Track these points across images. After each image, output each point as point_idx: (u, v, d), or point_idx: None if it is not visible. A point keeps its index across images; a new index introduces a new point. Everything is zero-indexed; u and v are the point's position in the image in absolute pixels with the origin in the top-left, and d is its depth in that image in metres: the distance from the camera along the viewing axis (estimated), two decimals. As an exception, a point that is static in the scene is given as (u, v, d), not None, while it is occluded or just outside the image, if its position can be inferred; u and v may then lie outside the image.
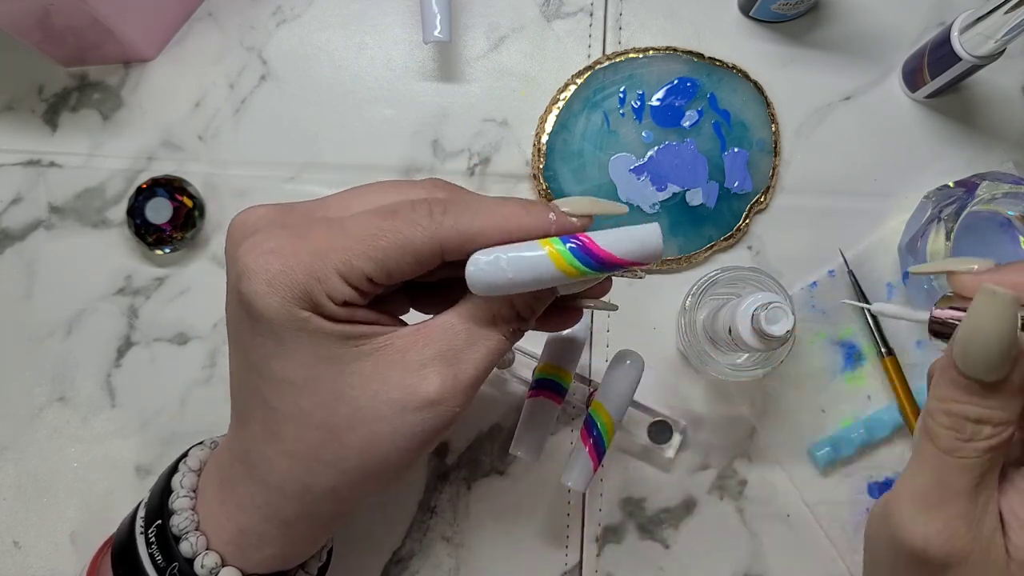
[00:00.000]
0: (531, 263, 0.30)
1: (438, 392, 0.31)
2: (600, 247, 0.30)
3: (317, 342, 0.31)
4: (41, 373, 0.49)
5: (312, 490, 0.33)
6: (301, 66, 0.51)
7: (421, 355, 0.31)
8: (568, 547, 0.48)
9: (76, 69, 0.51)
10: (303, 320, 0.30)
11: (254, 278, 0.30)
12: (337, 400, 0.31)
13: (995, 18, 0.42)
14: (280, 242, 0.31)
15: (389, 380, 0.31)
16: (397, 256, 0.30)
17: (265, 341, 0.31)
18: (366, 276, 0.30)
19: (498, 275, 0.30)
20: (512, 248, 0.30)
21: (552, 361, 0.43)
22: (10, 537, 0.48)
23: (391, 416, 0.31)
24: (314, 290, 0.30)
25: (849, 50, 0.51)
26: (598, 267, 0.30)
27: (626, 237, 0.30)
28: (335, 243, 0.30)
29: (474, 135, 0.50)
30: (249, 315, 0.31)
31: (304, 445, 0.32)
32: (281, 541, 0.34)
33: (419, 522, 0.48)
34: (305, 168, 0.50)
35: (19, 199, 0.50)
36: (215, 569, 0.34)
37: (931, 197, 0.47)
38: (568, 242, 0.30)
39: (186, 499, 0.35)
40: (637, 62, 0.50)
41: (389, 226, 0.31)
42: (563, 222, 0.31)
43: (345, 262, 0.30)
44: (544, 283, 0.30)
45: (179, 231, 0.48)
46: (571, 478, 0.43)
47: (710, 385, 0.49)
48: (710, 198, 0.49)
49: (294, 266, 0.30)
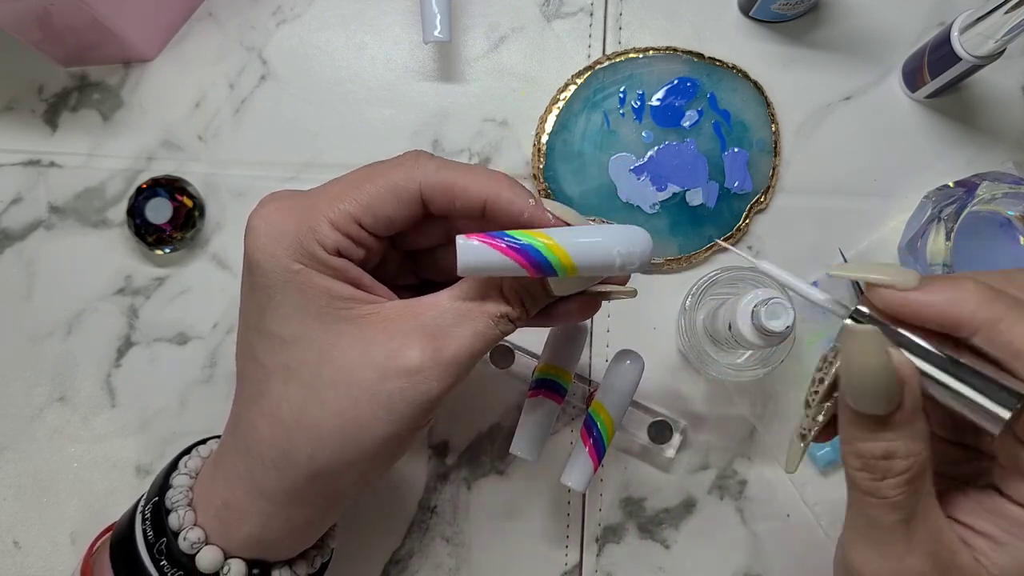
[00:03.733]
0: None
1: (417, 362, 0.31)
2: (559, 244, 0.31)
3: (307, 297, 0.32)
4: (41, 373, 0.49)
5: (290, 456, 0.32)
6: (301, 66, 0.51)
7: (406, 326, 0.32)
8: (568, 547, 0.48)
9: (76, 69, 0.51)
10: (294, 273, 0.31)
11: (255, 233, 0.32)
12: (320, 358, 0.32)
13: (995, 18, 0.42)
14: (283, 202, 0.33)
15: (371, 346, 0.32)
16: (380, 196, 0.32)
17: (259, 296, 0.32)
18: (353, 219, 0.32)
19: (471, 251, 0.30)
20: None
21: (552, 361, 0.43)
22: (10, 537, 0.48)
23: (369, 381, 0.31)
24: (306, 239, 0.31)
25: (849, 50, 0.51)
26: (543, 267, 0.31)
27: (588, 243, 0.31)
28: (327, 194, 0.32)
29: (474, 135, 0.50)
30: (248, 271, 0.33)
31: (287, 406, 0.32)
32: (260, 519, 0.34)
33: (419, 522, 0.48)
34: (305, 168, 0.50)
35: (19, 199, 0.50)
36: (198, 544, 0.34)
37: (931, 197, 0.47)
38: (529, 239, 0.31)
39: (185, 477, 0.36)
40: (637, 62, 0.50)
41: (374, 170, 0.33)
42: (538, 211, 0.32)
43: (333, 208, 0.32)
44: (508, 271, 0.31)
45: (179, 231, 0.48)
46: (571, 478, 0.43)
47: (710, 385, 0.49)
48: (710, 198, 0.49)
49: (289, 218, 0.32)
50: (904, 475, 0.27)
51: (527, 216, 0.32)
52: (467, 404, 0.49)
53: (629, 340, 0.49)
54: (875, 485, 0.28)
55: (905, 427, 0.27)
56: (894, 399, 0.27)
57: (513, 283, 0.33)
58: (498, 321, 0.33)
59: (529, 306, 0.34)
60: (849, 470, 0.29)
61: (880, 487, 0.28)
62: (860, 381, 0.27)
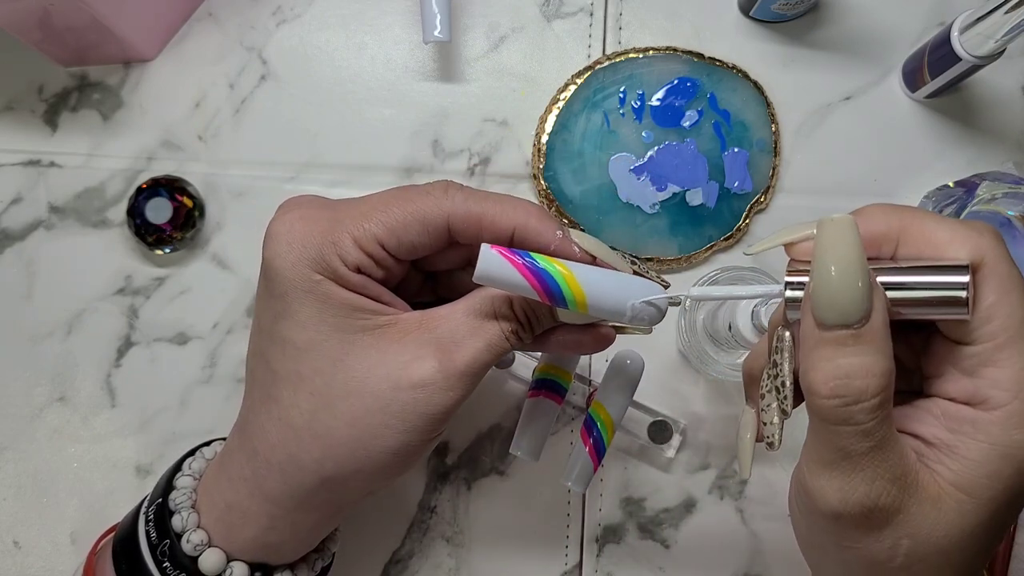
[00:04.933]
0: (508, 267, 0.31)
1: (431, 374, 0.32)
2: (577, 281, 0.31)
3: (325, 307, 0.32)
4: (41, 373, 0.49)
5: (297, 461, 0.32)
6: (301, 66, 0.51)
7: (421, 338, 0.32)
8: (568, 547, 0.48)
9: (76, 69, 0.51)
10: (314, 283, 0.32)
11: (276, 239, 0.32)
12: (334, 368, 0.32)
13: (995, 18, 0.42)
14: (307, 212, 0.33)
15: (386, 357, 0.32)
16: (407, 222, 0.32)
17: (276, 303, 0.32)
18: (377, 240, 0.32)
19: (492, 261, 0.31)
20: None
21: (552, 361, 0.43)
22: (10, 537, 0.48)
23: (383, 392, 0.32)
24: (328, 253, 0.31)
25: (849, 50, 0.51)
26: (556, 296, 0.31)
27: (604, 288, 0.32)
28: (353, 211, 0.32)
29: (474, 135, 0.50)
30: (266, 276, 0.33)
31: (297, 411, 0.32)
32: (263, 523, 0.34)
33: (419, 522, 0.48)
34: (305, 168, 0.50)
35: (19, 199, 0.50)
36: (201, 547, 0.34)
37: (931, 197, 0.47)
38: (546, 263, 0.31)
39: (189, 478, 0.36)
40: (637, 62, 0.50)
41: (403, 195, 0.33)
42: (565, 244, 0.33)
43: (358, 226, 0.32)
44: (521, 290, 0.31)
45: (179, 231, 0.48)
46: (571, 478, 0.43)
47: (710, 385, 0.49)
48: (710, 198, 0.49)
49: (313, 230, 0.32)
50: (878, 396, 0.26)
51: (554, 248, 0.33)
52: (467, 404, 0.48)
53: (629, 340, 0.49)
54: (847, 411, 0.26)
55: (876, 341, 0.26)
56: (865, 303, 0.26)
57: (523, 301, 0.33)
58: (509, 335, 0.33)
59: (534, 326, 0.34)
60: (816, 400, 0.27)
61: (853, 412, 0.26)
62: (840, 275, 0.26)
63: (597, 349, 0.36)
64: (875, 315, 0.26)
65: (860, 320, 0.26)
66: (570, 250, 0.33)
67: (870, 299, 0.26)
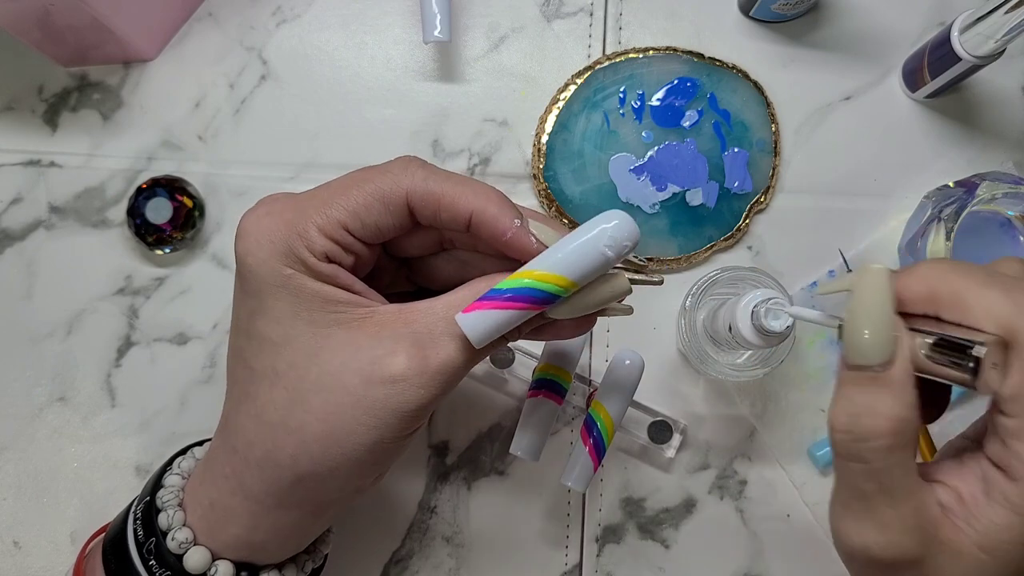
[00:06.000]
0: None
1: (402, 370, 0.31)
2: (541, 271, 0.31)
3: (298, 301, 0.32)
4: (41, 373, 0.49)
5: (274, 458, 0.32)
6: (301, 66, 0.51)
7: (396, 332, 0.32)
8: (568, 547, 0.48)
9: (76, 69, 0.51)
10: (286, 277, 0.31)
11: (246, 237, 0.32)
12: (308, 362, 0.32)
13: (995, 18, 0.42)
14: (273, 206, 0.32)
15: (360, 351, 0.31)
16: (368, 203, 0.32)
17: (251, 300, 0.32)
18: (341, 225, 0.32)
19: (476, 323, 0.31)
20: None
21: (552, 361, 0.43)
22: (10, 537, 0.48)
23: (355, 386, 0.31)
24: (296, 245, 0.31)
25: (849, 50, 0.51)
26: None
27: (572, 256, 0.31)
28: (315, 199, 0.32)
29: (474, 135, 0.50)
30: (240, 274, 0.33)
31: (272, 407, 0.32)
32: (246, 521, 0.34)
33: (419, 522, 0.48)
34: (305, 168, 0.50)
35: (19, 199, 0.50)
36: (186, 544, 0.34)
37: (931, 197, 0.47)
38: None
39: (177, 477, 0.36)
40: (637, 62, 0.50)
41: (363, 176, 0.32)
42: (522, 233, 0.32)
43: (321, 214, 0.32)
44: (519, 319, 0.31)
45: (179, 231, 0.48)
46: (571, 478, 0.43)
47: (710, 385, 0.49)
48: (710, 198, 0.49)
49: (279, 223, 0.32)
50: (885, 439, 0.27)
51: (510, 236, 0.32)
52: (467, 404, 0.49)
53: (629, 340, 0.49)
54: (856, 447, 0.28)
55: (893, 387, 0.28)
56: (887, 349, 0.28)
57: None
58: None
59: (521, 328, 0.33)
60: (831, 433, 0.29)
61: (860, 449, 0.28)
62: (865, 319, 0.28)
63: (578, 332, 0.36)
64: (898, 364, 0.28)
65: (881, 365, 0.28)
66: (526, 240, 0.32)
67: (891, 346, 0.28)
